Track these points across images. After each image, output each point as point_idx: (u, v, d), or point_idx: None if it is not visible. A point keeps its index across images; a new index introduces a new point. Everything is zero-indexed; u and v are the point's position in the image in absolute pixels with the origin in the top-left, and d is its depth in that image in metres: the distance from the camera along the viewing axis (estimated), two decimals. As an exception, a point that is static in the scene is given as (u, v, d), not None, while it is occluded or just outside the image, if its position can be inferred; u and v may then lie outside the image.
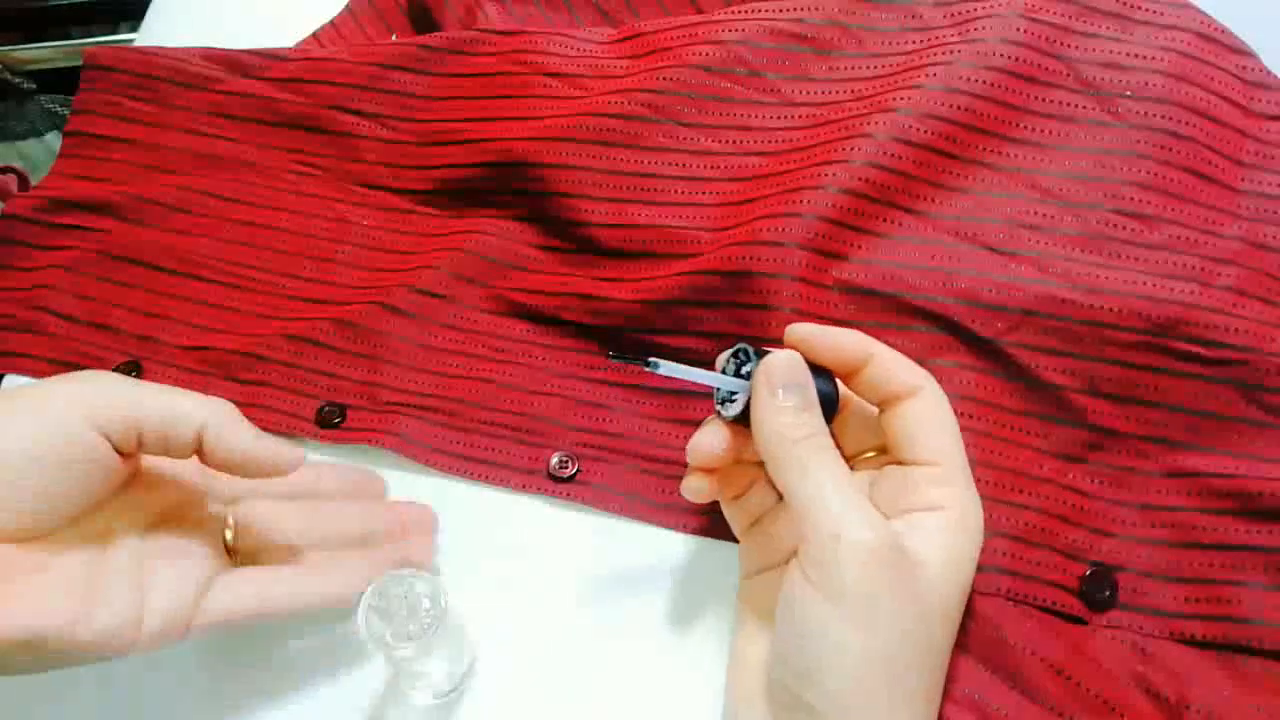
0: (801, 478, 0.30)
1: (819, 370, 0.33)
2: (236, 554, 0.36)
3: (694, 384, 0.33)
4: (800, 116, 0.43)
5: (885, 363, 0.33)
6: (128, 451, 0.32)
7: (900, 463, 0.33)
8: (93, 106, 0.50)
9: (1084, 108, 0.41)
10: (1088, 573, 0.36)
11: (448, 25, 0.51)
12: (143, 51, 0.50)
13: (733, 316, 0.40)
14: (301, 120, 0.48)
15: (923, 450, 0.32)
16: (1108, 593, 0.36)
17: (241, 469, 0.33)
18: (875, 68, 0.43)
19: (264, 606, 0.34)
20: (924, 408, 0.33)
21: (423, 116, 0.47)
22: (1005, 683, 0.34)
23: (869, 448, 0.35)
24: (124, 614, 0.30)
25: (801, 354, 0.33)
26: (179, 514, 0.35)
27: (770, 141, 0.43)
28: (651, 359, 0.32)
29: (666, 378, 0.32)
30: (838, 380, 0.34)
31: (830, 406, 0.33)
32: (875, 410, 0.34)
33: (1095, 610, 0.36)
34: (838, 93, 0.43)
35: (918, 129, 0.40)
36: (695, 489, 0.34)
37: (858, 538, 0.28)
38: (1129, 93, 0.41)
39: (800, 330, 0.33)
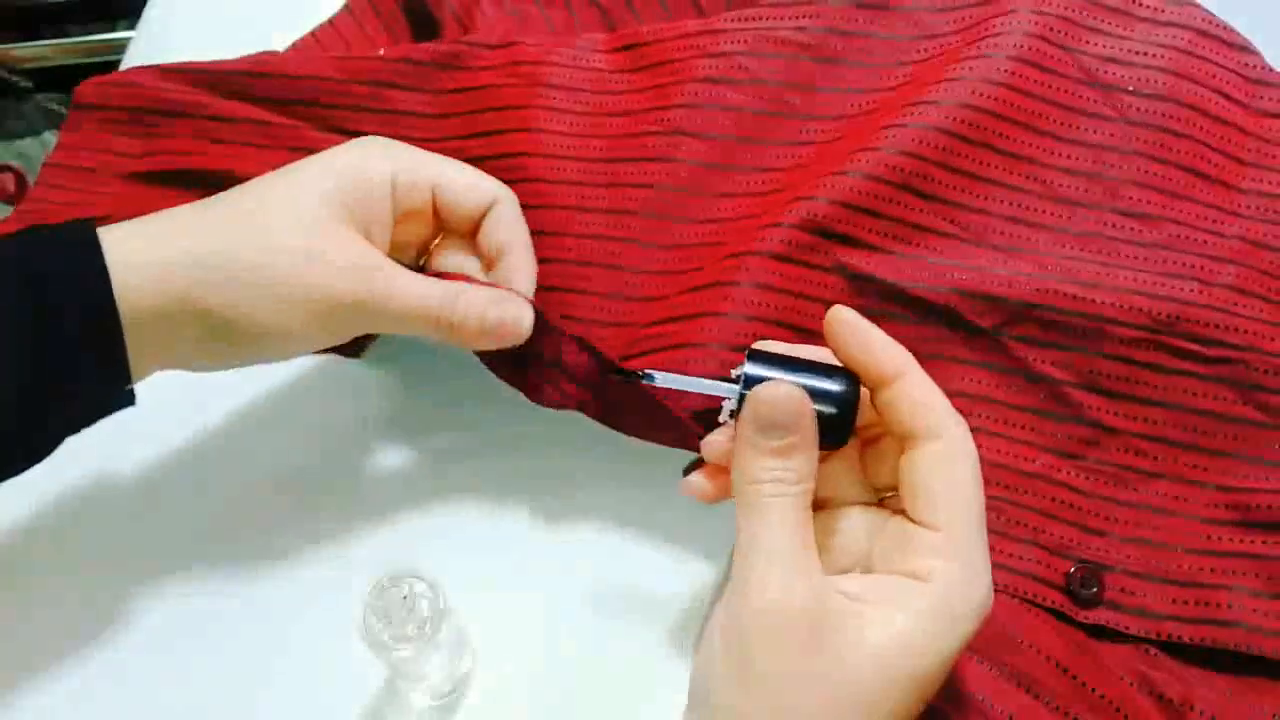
0: (747, 518, 0.28)
1: (843, 372, 0.29)
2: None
3: (694, 392, 0.31)
4: (810, 132, 0.42)
5: (911, 392, 0.28)
6: (413, 210, 0.36)
7: (905, 515, 0.29)
8: (79, 144, 0.49)
9: (1088, 99, 0.41)
10: (1073, 569, 0.36)
11: (445, 23, 0.51)
12: (128, 84, 0.48)
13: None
14: (297, 143, 0.47)
15: (924, 510, 0.28)
16: (1094, 590, 0.36)
17: (502, 258, 0.37)
18: (887, 79, 0.43)
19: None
20: (936, 461, 0.28)
21: (423, 135, 0.46)
22: (1011, 682, 0.34)
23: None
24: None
25: (834, 348, 0.30)
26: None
27: (780, 157, 0.42)
28: (647, 371, 0.31)
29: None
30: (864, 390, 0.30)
31: (836, 419, 0.29)
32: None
33: (1081, 608, 0.36)
34: (849, 107, 0.43)
35: (931, 142, 0.39)
36: (694, 485, 0.33)
37: (761, 596, 0.26)
38: (1130, 88, 0.40)
39: (841, 315, 0.30)
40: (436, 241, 0.39)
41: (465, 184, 0.37)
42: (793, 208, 0.39)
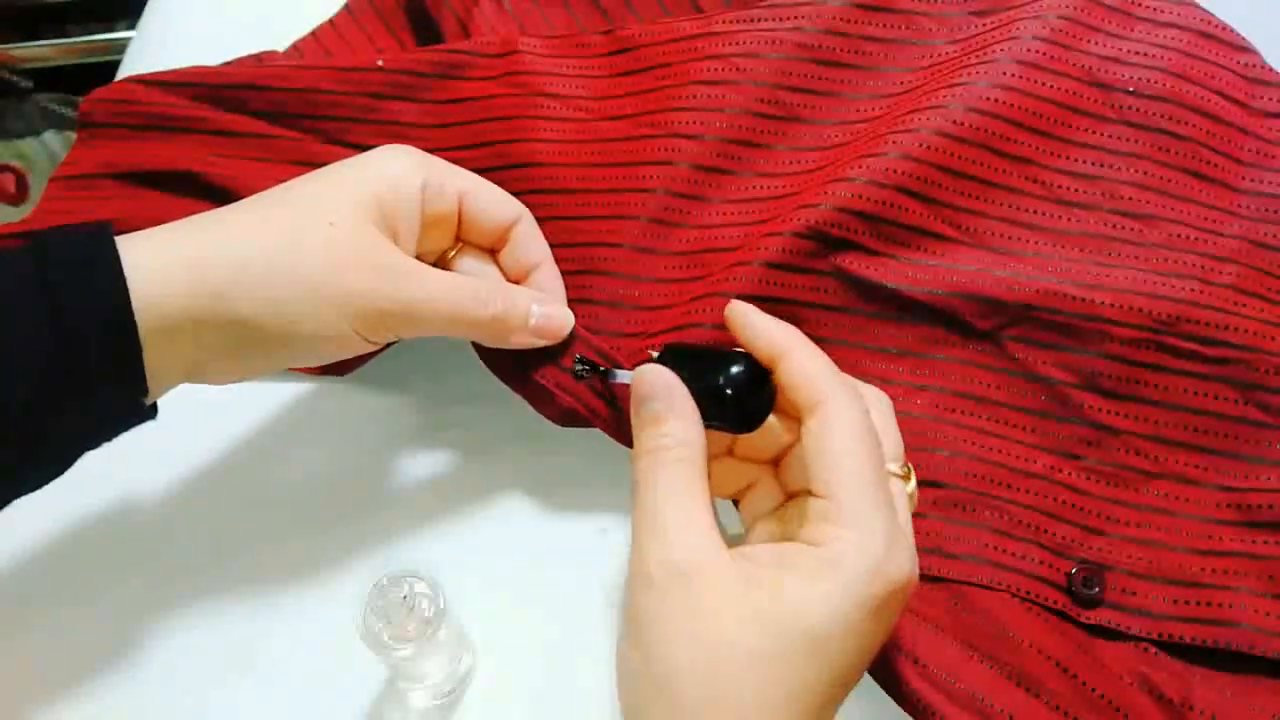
0: (636, 488, 0.29)
1: (744, 357, 0.31)
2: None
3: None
4: (814, 137, 0.42)
5: (794, 367, 0.30)
6: (440, 217, 0.37)
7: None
8: (85, 160, 0.48)
9: (1089, 100, 0.40)
10: (1074, 570, 0.36)
11: (445, 23, 0.51)
12: (131, 100, 0.48)
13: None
14: (300, 156, 0.47)
15: (812, 479, 0.28)
16: (1095, 590, 0.36)
17: (530, 274, 0.38)
18: (890, 84, 0.43)
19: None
20: (817, 429, 0.29)
21: (425, 146, 0.45)
22: (1010, 680, 0.34)
23: None
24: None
25: (735, 339, 0.32)
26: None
27: (784, 163, 0.42)
28: (606, 369, 0.33)
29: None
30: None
31: (731, 396, 0.30)
32: None
33: (1083, 608, 0.36)
34: (852, 112, 0.42)
35: (935, 147, 0.39)
36: None
37: (641, 556, 0.28)
38: (1131, 89, 0.40)
39: (731, 308, 0.32)
40: (454, 253, 0.39)
41: (492, 197, 0.38)
42: (796, 215, 0.39)
